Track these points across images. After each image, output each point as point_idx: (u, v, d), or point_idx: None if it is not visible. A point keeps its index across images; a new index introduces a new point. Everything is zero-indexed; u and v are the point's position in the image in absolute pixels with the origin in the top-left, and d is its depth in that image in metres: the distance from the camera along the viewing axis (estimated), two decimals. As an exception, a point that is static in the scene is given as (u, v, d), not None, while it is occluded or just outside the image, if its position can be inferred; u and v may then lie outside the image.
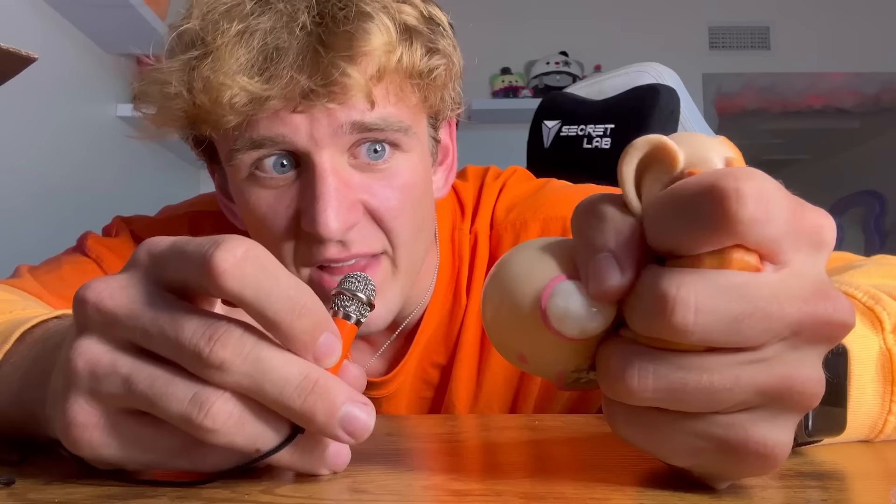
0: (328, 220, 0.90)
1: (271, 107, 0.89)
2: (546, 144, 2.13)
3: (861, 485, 0.55)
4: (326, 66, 0.86)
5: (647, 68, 2.08)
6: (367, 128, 0.93)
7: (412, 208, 1.00)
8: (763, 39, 5.42)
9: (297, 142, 0.91)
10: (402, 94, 0.96)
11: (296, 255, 0.98)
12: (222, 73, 0.85)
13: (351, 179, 0.95)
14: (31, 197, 2.96)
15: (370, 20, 0.87)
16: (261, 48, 0.86)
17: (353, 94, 0.89)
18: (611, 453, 0.71)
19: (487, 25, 5.21)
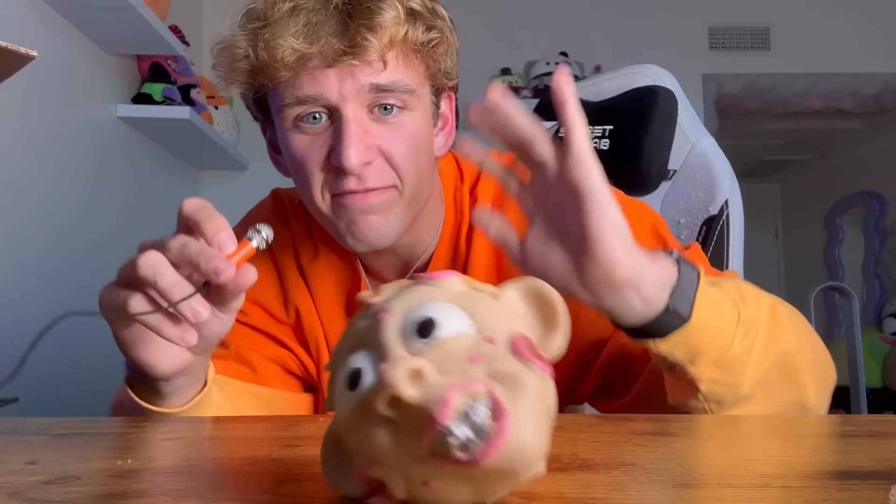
0: (350, 155, 1.18)
1: (312, 66, 1.18)
2: (546, 145, 2.13)
3: (861, 485, 0.55)
4: (352, 33, 1.16)
5: (645, 70, 2.08)
6: (382, 88, 1.21)
7: (416, 154, 1.27)
8: (763, 40, 5.43)
9: (330, 98, 1.20)
10: (408, 62, 1.24)
11: (323, 185, 1.25)
12: (279, 37, 1.16)
13: (369, 128, 1.22)
14: (31, 197, 2.96)
15: (385, 3, 1.17)
16: (305, 21, 1.16)
17: (370, 54, 1.17)
18: (611, 453, 0.71)
19: (487, 26, 5.22)
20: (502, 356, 0.47)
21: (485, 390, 0.44)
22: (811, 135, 8.24)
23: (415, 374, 0.44)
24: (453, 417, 0.43)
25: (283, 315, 1.48)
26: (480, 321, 0.48)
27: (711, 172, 1.90)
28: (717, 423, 0.97)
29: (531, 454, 0.45)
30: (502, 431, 0.43)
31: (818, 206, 9.27)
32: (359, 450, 0.48)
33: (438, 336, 0.47)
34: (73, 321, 0.92)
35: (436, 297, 0.49)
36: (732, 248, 1.82)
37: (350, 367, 0.48)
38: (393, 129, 1.24)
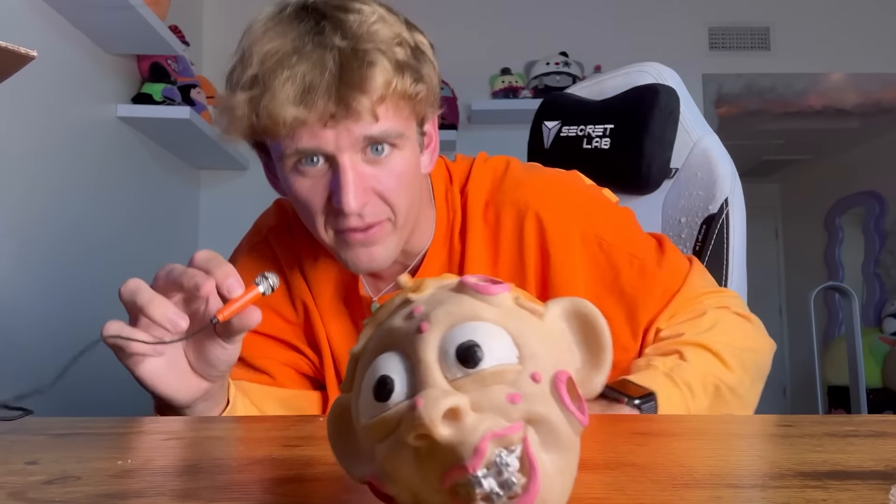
0: (350, 201, 1.29)
1: (309, 124, 1.27)
2: (546, 145, 2.14)
3: (861, 485, 0.55)
4: (345, 97, 1.24)
5: (647, 68, 2.08)
6: (374, 139, 1.30)
7: (407, 188, 1.38)
8: (763, 40, 5.42)
9: (327, 150, 1.29)
10: (398, 110, 1.32)
11: (326, 222, 1.36)
12: (277, 103, 1.24)
13: (364, 171, 1.32)
14: (31, 197, 2.96)
15: (374, 66, 1.25)
16: (301, 87, 1.24)
17: (363, 115, 1.26)
18: (611, 453, 0.71)
19: (487, 26, 5.22)
20: (543, 398, 0.45)
21: (519, 439, 0.42)
22: (811, 135, 8.24)
23: (452, 414, 0.42)
24: (483, 467, 0.42)
25: (291, 314, 1.62)
26: (525, 349, 0.46)
27: (713, 171, 1.90)
28: (717, 423, 0.97)
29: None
30: (531, 491, 0.42)
31: (818, 206, 9.27)
32: (375, 461, 0.47)
33: (481, 367, 0.45)
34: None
35: (483, 316, 0.47)
36: (733, 246, 1.82)
37: (379, 372, 0.47)
38: (385, 169, 1.34)
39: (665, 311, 1.50)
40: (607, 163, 2.00)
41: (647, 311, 1.50)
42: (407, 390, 0.45)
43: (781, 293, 10.54)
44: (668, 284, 1.50)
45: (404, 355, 0.47)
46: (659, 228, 1.96)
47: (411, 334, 0.47)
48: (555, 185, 1.58)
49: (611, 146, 1.99)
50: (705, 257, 1.82)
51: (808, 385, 7.69)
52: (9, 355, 2.75)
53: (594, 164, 2.03)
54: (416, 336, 0.46)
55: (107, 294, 3.56)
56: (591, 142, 2.03)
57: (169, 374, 1.18)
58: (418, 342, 0.46)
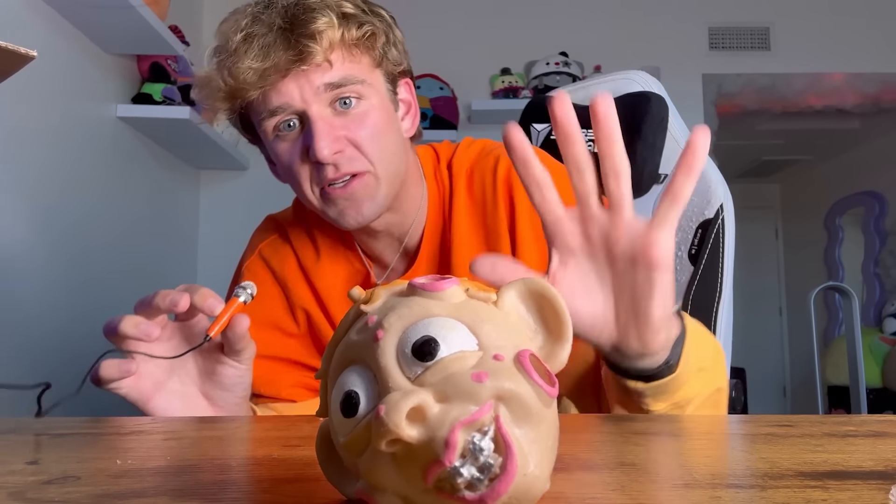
0: (321, 147, 1.35)
1: (271, 80, 1.36)
2: (535, 147, 2.15)
3: (861, 485, 0.55)
4: (295, 44, 1.34)
5: (633, 76, 2.10)
6: (335, 85, 1.39)
7: (380, 136, 1.44)
8: (763, 40, 5.42)
9: (295, 104, 1.38)
10: (352, 57, 1.41)
11: (311, 180, 1.42)
12: (239, 62, 1.34)
13: (334, 121, 1.40)
14: (30, 197, 2.96)
15: (316, 11, 1.36)
16: (257, 45, 1.34)
17: (315, 57, 1.35)
18: (611, 453, 0.71)
19: (488, 26, 5.22)
20: (509, 373, 0.45)
21: (491, 419, 0.43)
22: (811, 135, 8.24)
23: (415, 413, 0.43)
24: (459, 456, 0.42)
25: (292, 326, 1.64)
26: (483, 336, 0.47)
27: (705, 177, 1.92)
28: (717, 424, 0.97)
29: (537, 487, 0.44)
30: (509, 470, 0.42)
31: (818, 206, 9.29)
32: (359, 475, 0.47)
33: (440, 357, 0.45)
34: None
35: (434, 312, 0.48)
36: (727, 251, 1.84)
37: (344, 388, 0.48)
38: (355, 120, 1.41)
39: None
40: (597, 167, 2.02)
41: None
42: (372, 400, 0.46)
43: (781, 293, 10.55)
44: None
45: (365, 366, 0.48)
46: (649, 231, 1.97)
47: (368, 344, 0.48)
48: None
49: (604, 151, 2.01)
50: (702, 261, 1.84)
51: (808, 385, 7.69)
52: (10, 352, 2.75)
53: (585, 168, 2.03)
54: (373, 345, 0.47)
55: (107, 294, 3.57)
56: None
57: (183, 411, 1.24)
58: (376, 351, 0.47)
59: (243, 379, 1.27)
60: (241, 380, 1.27)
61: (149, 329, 1.16)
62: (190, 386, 1.26)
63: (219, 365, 1.25)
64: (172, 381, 1.25)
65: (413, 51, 1.62)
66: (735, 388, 1.88)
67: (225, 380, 1.25)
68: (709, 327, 1.81)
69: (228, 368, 1.25)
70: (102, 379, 1.17)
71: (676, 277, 1.89)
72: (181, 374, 1.26)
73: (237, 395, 1.28)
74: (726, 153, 6.54)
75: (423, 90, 4.86)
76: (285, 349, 1.62)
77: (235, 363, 1.24)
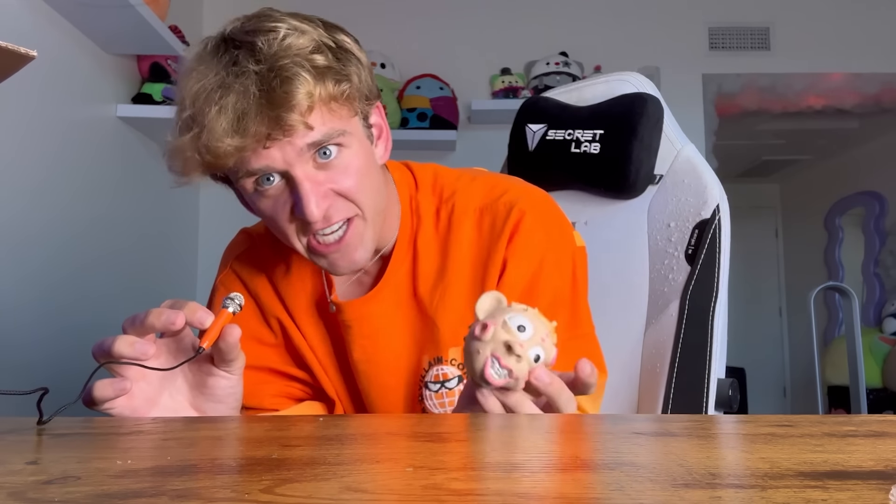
0: (312, 211, 1.35)
1: (250, 149, 1.33)
2: (531, 147, 2.17)
3: (861, 485, 0.55)
4: (274, 118, 1.30)
5: (628, 77, 2.12)
6: (317, 143, 1.36)
7: (365, 181, 1.44)
8: (763, 40, 5.42)
9: (277, 167, 1.36)
10: (331, 112, 1.37)
11: (298, 233, 1.42)
12: (214, 138, 1.30)
13: (318, 177, 1.38)
14: (30, 197, 2.96)
15: (293, 80, 1.30)
16: (232, 117, 1.29)
17: (296, 128, 1.32)
18: (611, 453, 0.71)
19: (487, 26, 5.23)
20: None
21: None
22: (811, 134, 8.25)
23: None
24: None
25: (269, 336, 1.67)
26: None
27: (700, 178, 1.94)
28: (717, 424, 0.97)
29: None
30: None
31: (818, 206, 9.29)
32: None
33: None
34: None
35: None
36: (723, 251, 1.85)
37: None
38: (339, 170, 1.40)
39: None
40: (596, 167, 2.05)
41: None
42: None
43: (781, 293, 10.56)
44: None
45: None
46: (645, 231, 2.00)
47: None
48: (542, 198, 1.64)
49: (600, 151, 2.03)
50: (699, 260, 1.85)
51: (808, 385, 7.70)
52: (7, 354, 2.75)
53: (582, 168, 2.09)
54: None
55: (106, 294, 3.57)
56: (580, 146, 2.07)
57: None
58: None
59: (235, 389, 1.28)
60: (232, 390, 1.28)
61: (145, 348, 1.16)
62: (181, 401, 1.27)
63: (210, 377, 1.26)
64: (164, 397, 1.25)
65: (413, 51, 1.64)
66: (732, 388, 1.88)
67: (217, 391, 1.26)
68: (705, 327, 1.84)
69: (220, 380, 1.26)
70: (97, 399, 1.16)
71: (673, 277, 1.90)
72: (171, 391, 1.27)
73: (229, 407, 1.29)
74: (726, 153, 6.53)
75: (423, 90, 4.86)
76: (264, 359, 1.64)
77: (227, 374, 1.25)
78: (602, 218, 2.07)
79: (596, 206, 2.09)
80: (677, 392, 1.82)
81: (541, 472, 0.62)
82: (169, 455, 0.74)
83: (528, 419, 0.98)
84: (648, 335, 1.92)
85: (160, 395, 1.24)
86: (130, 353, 1.15)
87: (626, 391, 1.91)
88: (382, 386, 1.59)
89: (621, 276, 1.99)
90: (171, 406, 1.25)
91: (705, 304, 1.83)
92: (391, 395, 1.58)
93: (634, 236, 2.00)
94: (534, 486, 0.56)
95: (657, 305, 1.92)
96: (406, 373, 1.57)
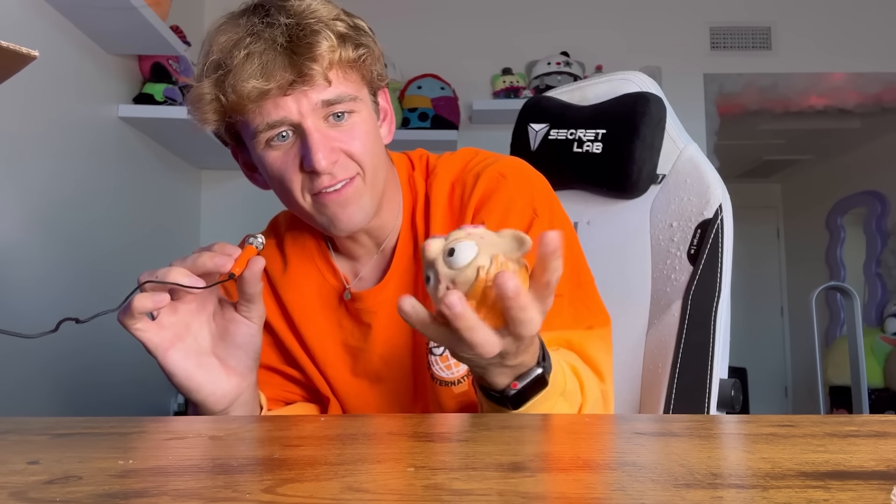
0: (319, 159, 1.42)
1: (272, 95, 1.42)
2: (533, 147, 2.17)
3: (863, 485, 0.55)
4: (298, 66, 1.40)
5: (630, 76, 2.12)
6: (331, 102, 1.45)
7: (370, 146, 1.51)
8: (764, 39, 5.42)
9: (292, 117, 1.44)
10: (347, 76, 1.49)
11: (303, 188, 1.49)
12: (241, 79, 1.39)
13: (329, 133, 1.46)
14: (31, 198, 2.97)
15: (318, 34, 1.42)
16: (259, 63, 1.40)
17: (316, 79, 1.42)
18: (613, 454, 0.71)
19: (489, 26, 5.22)
20: None
21: None
22: (813, 134, 8.25)
23: None
24: None
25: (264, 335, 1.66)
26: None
27: (703, 177, 1.94)
28: (718, 424, 0.97)
29: None
30: None
31: (820, 206, 9.29)
32: None
33: None
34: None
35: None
36: (725, 251, 1.85)
37: None
38: (347, 131, 1.49)
39: None
40: (598, 166, 2.05)
41: None
42: None
43: (783, 293, 10.56)
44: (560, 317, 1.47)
45: None
46: (647, 231, 2.00)
47: None
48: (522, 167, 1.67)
49: (603, 150, 2.03)
50: (702, 260, 1.85)
51: (810, 385, 7.69)
52: (10, 357, 2.75)
53: (584, 168, 2.08)
54: None
55: (107, 295, 3.57)
56: (583, 145, 2.06)
57: (197, 370, 1.35)
58: None
59: (255, 338, 1.39)
60: (252, 339, 1.39)
61: (196, 281, 1.28)
62: (204, 346, 1.38)
63: (232, 324, 1.37)
64: (189, 338, 1.36)
65: (414, 50, 1.69)
66: (734, 388, 1.88)
67: (238, 338, 1.37)
68: (708, 327, 1.83)
69: (241, 326, 1.37)
70: (135, 309, 1.25)
71: (676, 277, 1.89)
72: (197, 334, 1.37)
73: (249, 356, 1.40)
74: (727, 153, 6.53)
75: (424, 90, 4.86)
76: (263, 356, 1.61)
77: (247, 321, 1.37)
78: (604, 218, 2.07)
79: (598, 206, 2.09)
80: (679, 392, 1.81)
81: (542, 472, 0.62)
82: (170, 455, 0.74)
83: (531, 419, 0.98)
84: (650, 335, 1.92)
85: (187, 334, 1.36)
86: (186, 282, 1.27)
87: (628, 391, 1.90)
88: (392, 367, 1.63)
89: (623, 276, 1.98)
90: (194, 348, 1.36)
91: (707, 304, 1.83)
92: (398, 373, 1.63)
93: (637, 236, 2.00)
94: (535, 486, 0.56)
95: (659, 305, 1.92)
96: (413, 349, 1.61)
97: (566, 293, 1.48)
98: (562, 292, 1.43)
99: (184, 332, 1.34)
